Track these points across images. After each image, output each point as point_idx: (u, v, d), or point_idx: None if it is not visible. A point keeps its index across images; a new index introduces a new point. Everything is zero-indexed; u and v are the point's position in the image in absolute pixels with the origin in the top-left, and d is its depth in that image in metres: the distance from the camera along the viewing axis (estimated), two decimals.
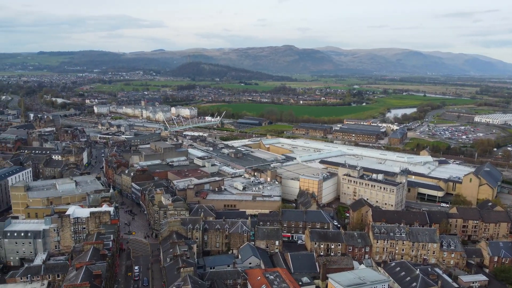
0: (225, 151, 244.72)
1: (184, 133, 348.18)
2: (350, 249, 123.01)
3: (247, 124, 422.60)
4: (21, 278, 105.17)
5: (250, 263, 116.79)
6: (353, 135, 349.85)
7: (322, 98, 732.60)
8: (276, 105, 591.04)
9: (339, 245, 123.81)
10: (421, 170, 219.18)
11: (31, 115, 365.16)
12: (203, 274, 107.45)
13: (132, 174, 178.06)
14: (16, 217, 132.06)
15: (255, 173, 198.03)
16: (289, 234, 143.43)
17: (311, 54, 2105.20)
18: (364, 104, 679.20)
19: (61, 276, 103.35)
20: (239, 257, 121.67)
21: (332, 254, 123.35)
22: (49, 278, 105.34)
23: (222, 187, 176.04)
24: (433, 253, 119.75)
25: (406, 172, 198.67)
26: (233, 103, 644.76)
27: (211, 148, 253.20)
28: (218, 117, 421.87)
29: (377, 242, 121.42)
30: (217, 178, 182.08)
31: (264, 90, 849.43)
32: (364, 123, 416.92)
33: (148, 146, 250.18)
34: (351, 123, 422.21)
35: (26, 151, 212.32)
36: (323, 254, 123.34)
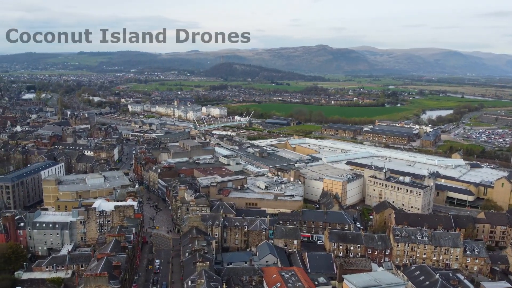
0: (251, 150, 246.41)
1: (212, 132, 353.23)
2: (369, 251, 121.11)
3: (275, 124, 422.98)
4: (47, 267, 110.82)
5: (267, 261, 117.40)
6: (384, 136, 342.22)
7: (354, 98, 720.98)
8: (306, 105, 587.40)
9: (358, 246, 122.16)
10: (451, 173, 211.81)
11: (68, 113, 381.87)
12: (220, 270, 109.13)
13: (158, 170, 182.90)
14: (46, 209, 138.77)
15: (279, 173, 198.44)
16: (309, 234, 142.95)
17: (346, 54, 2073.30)
18: (398, 105, 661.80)
19: (85, 266, 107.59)
20: (257, 254, 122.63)
21: (351, 255, 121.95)
22: (73, 268, 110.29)
23: (245, 185, 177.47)
24: (456, 258, 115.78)
25: (435, 175, 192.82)
26: (263, 103, 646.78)
27: (237, 147, 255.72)
28: (247, 117, 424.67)
29: (398, 245, 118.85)
30: (240, 177, 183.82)
31: (295, 90, 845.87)
32: (396, 125, 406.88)
33: (177, 144, 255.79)
34: (383, 124, 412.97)
35: (60, 146, 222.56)
36: (342, 255, 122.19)
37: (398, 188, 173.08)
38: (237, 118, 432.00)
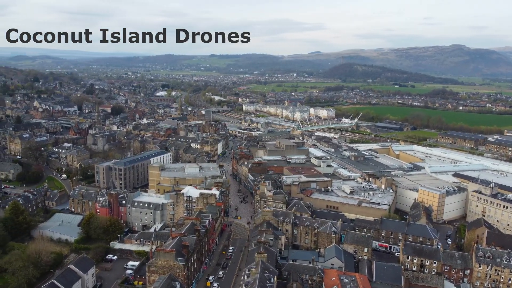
0: (346, 153, 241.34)
1: (315, 133, 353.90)
2: (447, 269, 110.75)
3: (385, 128, 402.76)
4: (136, 241, 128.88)
5: (332, 264, 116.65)
6: (510, 149, 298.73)
7: (488, 104, 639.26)
8: (428, 110, 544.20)
9: (435, 263, 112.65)
10: None
11: (190, 109, 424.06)
12: (283, 264, 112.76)
13: (249, 165, 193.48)
14: (146, 191, 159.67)
15: (370, 179, 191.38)
16: (387, 245, 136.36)
17: (485, 55, 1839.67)
18: None
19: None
20: (324, 256, 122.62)
21: (426, 271, 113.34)
22: (157, 244, 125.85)
23: (329, 188, 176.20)
24: None
25: None
26: (379, 105, 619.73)
27: (333, 149, 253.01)
28: (355, 119, 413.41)
29: (479, 266, 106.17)
30: (325, 179, 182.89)
31: (418, 93, 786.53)
32: None
33: (274, 142, 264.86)
34: None
35: (172, 138, 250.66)
36: (415, 269, 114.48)
37: (504, 206, 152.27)
38: (344, 120, 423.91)
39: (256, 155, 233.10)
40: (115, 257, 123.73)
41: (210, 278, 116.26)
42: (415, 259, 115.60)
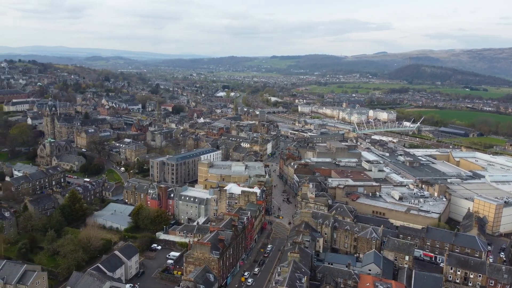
0: (401, 158, 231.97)
1: (372, 136, 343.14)
2: (492, 283, 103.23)
3: (449, 133, 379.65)
4: (179, 232, 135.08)
5: (369, 270, 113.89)
6: None
7: None
8: (499, 116, 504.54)
9: (479, 276, 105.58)
10: None
11: (245, 109, 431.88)
12: (318, 266, 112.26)
13: (295, 166, 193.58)
14: (193, 186, 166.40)
15: (423, 185, 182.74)
16: (432, 254, 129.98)
17: None
18: None
19: None
20: (362, 261, 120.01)
21: (470, 284, 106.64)
22: (199, 236, 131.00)
23: (378, 193, 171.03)
24: None
25: None
26: (446, 109, 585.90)
27: (387, 154, 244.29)
28: (416, 123, 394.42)
29: None
30: (374, 183, 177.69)
31: (491, 97, 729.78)
32: None
33: (325, 144, 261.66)
34: None
35: (224, 137, 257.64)
36: (458, 281, 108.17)
37: None
38: (405, 123, 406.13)
39: (305, 156, 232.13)
40: (159, 247, 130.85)
41: (246, 273, 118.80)
42: (458, 271, 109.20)
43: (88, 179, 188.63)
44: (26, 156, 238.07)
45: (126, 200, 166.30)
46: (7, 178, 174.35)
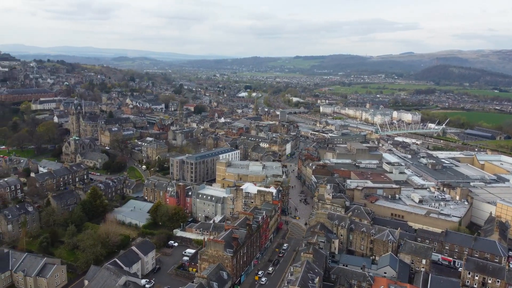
0: (423, 160, 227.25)
1: (395, 138, 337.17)
2: None
3: (475, 135, 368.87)
4: (195, 230, 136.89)
5: (385, 272, 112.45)
6: None
7: None
8: None
9: (498, 281, 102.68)
10: None
11: (266, 110, 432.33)
12: (332, 267, 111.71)
13: (313, 167, 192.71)
14: (210, 185, 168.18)
15: (444, 188, 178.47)
16: (451, 259, 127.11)
17: None
18: None
19: None
20: (377, 264, 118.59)
21: None
22: (215, 234, 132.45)
23: (397, 195, 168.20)
24: None
25: None
26: (473, 111, 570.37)
27: (409, 156, 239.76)
28: (441, 125, 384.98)
29: None
30: (393, 186, 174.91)
31: None
32: None
33: (345, 145, 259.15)
34: None
35: (243, 137, 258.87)
36: (476, 287, 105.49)
37: None
38: (430, 125, 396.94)
39: (324, 157, 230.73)
40: (176, 244, 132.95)
41: (260, 272, 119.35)
42: (476, 276, 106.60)
43: (109, 176, 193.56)
44: (51, 153, 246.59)
45: (146, 197, 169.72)
46: (32, 174, 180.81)
